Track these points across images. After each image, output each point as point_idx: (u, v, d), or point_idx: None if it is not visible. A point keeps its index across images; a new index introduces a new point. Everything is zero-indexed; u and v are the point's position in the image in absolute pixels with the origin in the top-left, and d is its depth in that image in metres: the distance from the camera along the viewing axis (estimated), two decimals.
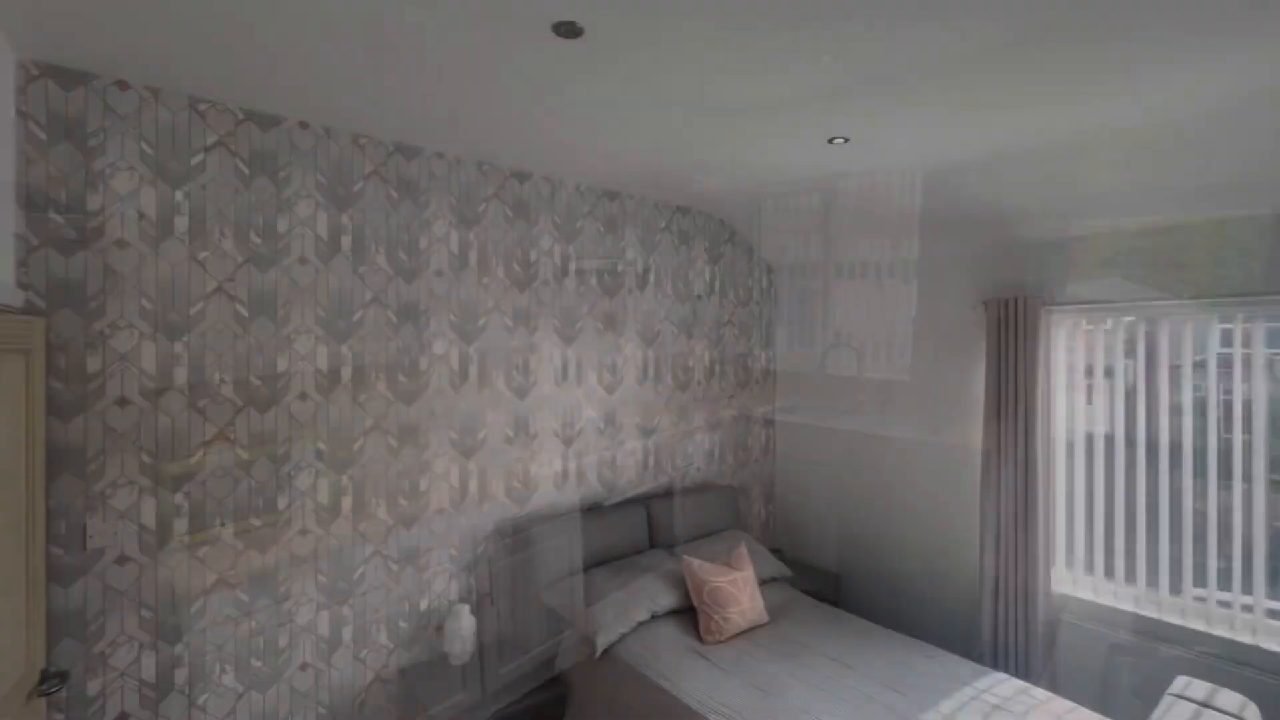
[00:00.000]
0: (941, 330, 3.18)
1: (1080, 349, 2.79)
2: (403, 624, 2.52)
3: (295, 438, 2.27)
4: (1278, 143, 2.02)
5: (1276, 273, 2.24)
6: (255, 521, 2.18)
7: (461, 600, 2.67)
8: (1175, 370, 2.52)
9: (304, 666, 2.29)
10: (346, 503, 2.38)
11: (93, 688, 1.91)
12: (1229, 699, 1.86)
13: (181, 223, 2.05)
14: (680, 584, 2.71)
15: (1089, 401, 2.77)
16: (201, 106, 2.08)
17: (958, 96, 1.93)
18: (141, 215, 1.99)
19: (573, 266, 3.01)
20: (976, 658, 2.98)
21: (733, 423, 3.78)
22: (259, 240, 2.19)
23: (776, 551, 3.91)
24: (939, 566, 3.17)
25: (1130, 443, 2.63)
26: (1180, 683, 1.94)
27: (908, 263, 3.33)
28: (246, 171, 2.17)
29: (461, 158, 2.64)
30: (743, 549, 2.85)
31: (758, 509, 3.95)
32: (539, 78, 1.88)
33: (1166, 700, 1.86)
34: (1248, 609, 2.35)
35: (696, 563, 2.68)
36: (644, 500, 3.18)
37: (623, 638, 2.46)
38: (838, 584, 3.55)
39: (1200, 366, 2.47)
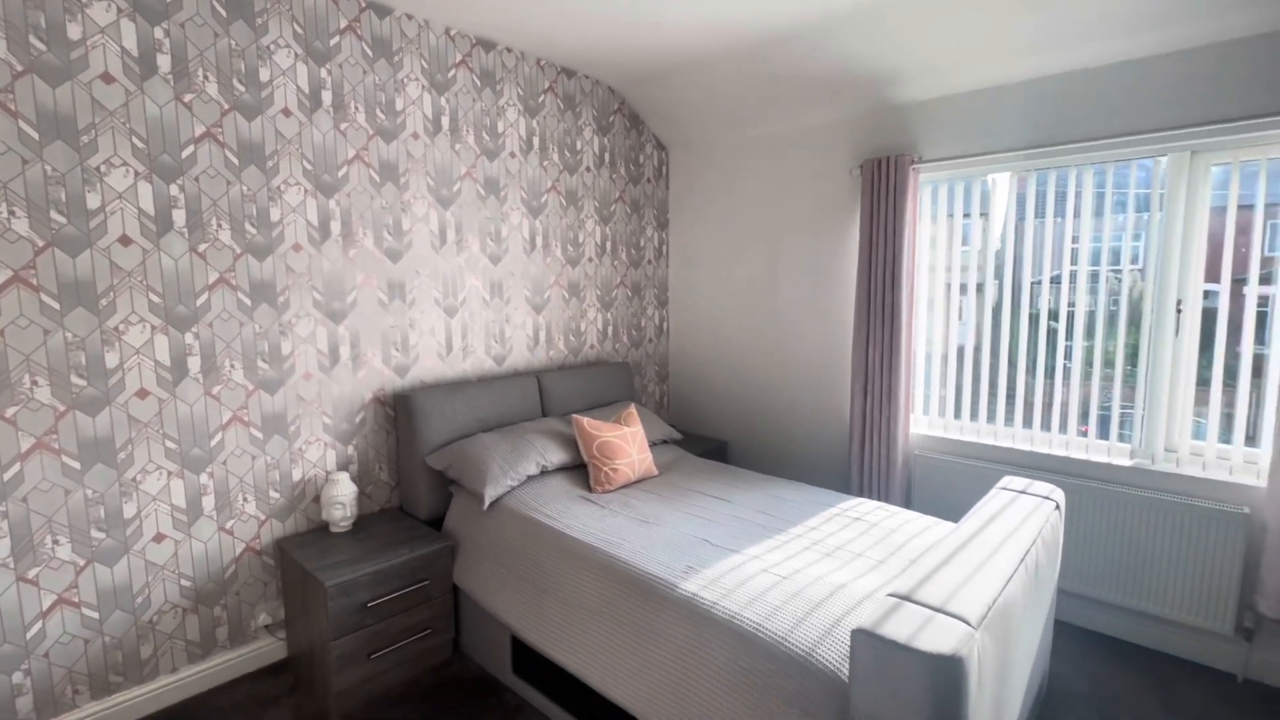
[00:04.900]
0: (824, 196, 3.27)
1: (943, 206, 2.96)
2: (274, 494, 2.38)
3: (121, 288, 1.99)
4: None
5: (1144, 116, 2.38)
6: (77, 381, 1.93)
7: (340, 469, 2.55)
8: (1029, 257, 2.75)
9: (159, 538, 2.12)
10: (194, 363, 2.15)
11: None
12: (1041, 487, 2.14)
13: (165, 61, 2.01)
14: (571, 444, 2.73)
15: (948, 254, 2.97)
16: None
17: None
18: (124, 50, 1.92)
19: (445, 121, 2.78)
20: (844, 492, 3.28)
21: (626, 302, 3.77)
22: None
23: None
24: (816, 421, 3.41)
25: (981, 299, 2.88)
26: (1005, 480, 2.21)
27: (792, 131, 3.36)
28: (224, 14, 2.12)
29: None
30: (633, 409, 2.90)
31: (652, 388, 4.04)
32: None
33: (993, 492, 2.11)
34: (1064, 430, 2.70)
35: (587, 420, 2.70)
36: (536, 373, 3.14)
37: (511, 490, 2.46)
38: (725, 449, 3.74)
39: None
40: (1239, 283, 2.34)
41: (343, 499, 2.40)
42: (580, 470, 2.72)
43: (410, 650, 2.28)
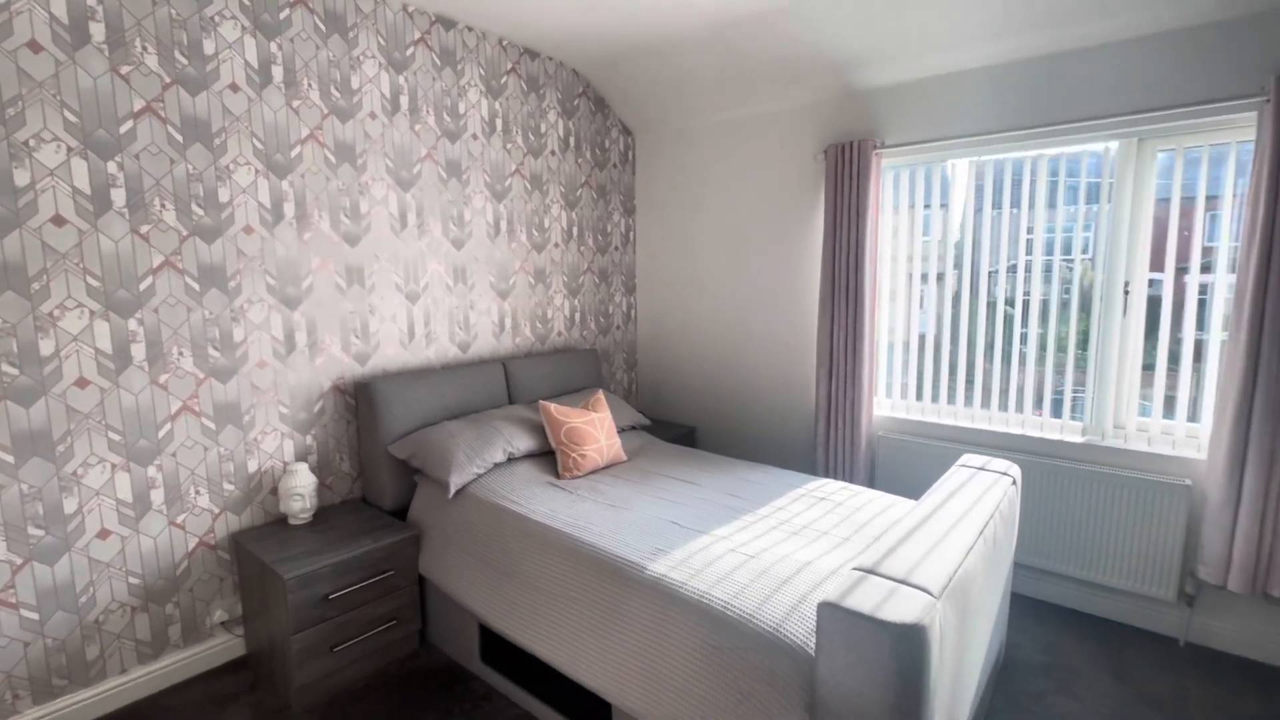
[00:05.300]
0: (789, 181, 3.29)
1: (905, 196, 3.01)
2: (229, 486, 2.29)
3: (55, 270, 1.88)
4: None
5: (1095, 102, 2.44)
6: (9, 369, 1.82)
7: (299, 459, 2.47)
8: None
9: (104, 534, 2.02)
10: (138, 351, 2.05)
11: None
12: (999, 464, 2.21)
13: (98, 30, 1.89)
14: (538, 431, 2.70)
15: (910, 244, 3.03)
16: None
17: None
18: (52, 17, 1.80)
19: (404, 100, 2.70)
20: (810, 473, 3.33)
21: (594, 289, 3.74)
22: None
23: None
24: (782, 405, 3.44)
25: (941, 288, 2.94)
26: (965, 458, 2.27)
27: (757, 116, 3.37)
28: None
29: None
30: (601, 395, 2.89)
31: (620, 375, 4.02)
32: None
33: (952, 469, 2.17)
34: (1020, 410, 2.79)
35: (554, 406, 2.67)
36: (502, 360, 3.09)
37: (478, 478, 2.42)
38: (693, 435, 3.75)
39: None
40: (1181, 271, 2.44)
41: (301, 490, 2.33)
42: (548, 457, 2.69)
43: (375, 642, 2.23)
